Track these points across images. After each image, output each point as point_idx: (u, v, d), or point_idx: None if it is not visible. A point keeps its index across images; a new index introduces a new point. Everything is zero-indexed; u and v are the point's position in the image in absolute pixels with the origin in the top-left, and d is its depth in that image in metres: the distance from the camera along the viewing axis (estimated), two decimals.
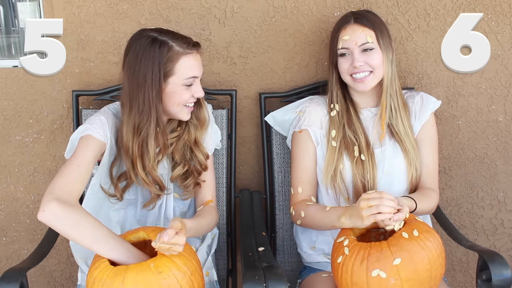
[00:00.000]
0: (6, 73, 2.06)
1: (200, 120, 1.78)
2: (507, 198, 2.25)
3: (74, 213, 1.46)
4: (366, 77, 1.75)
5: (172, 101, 1.65)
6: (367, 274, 1.46)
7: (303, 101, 1.89)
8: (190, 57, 1.64)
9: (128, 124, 1.64)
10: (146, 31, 1.66)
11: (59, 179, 1.51)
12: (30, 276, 2.16)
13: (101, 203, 1.71)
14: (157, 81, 1.60)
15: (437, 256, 1.49)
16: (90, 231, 1.47)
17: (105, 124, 1.64)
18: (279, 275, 1.48)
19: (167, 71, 1.61)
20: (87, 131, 1.61)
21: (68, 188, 1.50)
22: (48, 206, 1.44)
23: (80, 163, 1.55)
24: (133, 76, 1.61)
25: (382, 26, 1.77)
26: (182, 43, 1.63)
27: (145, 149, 1.65)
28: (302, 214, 1.75)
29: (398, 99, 1.80)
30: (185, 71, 1.63)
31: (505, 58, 2.11)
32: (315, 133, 1.81)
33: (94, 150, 1.60)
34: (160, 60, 1.60)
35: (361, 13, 1.79)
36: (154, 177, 1.69)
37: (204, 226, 1.72)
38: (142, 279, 1.40)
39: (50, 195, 1.46)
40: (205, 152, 1.79)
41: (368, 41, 1.73)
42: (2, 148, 2.12)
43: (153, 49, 1.60)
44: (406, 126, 1.80)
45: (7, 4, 2.06)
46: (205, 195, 1.82)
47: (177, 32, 1.68)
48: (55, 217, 1.44)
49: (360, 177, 1.75)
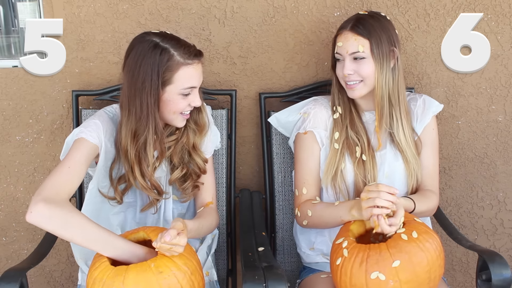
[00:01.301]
0: (6, 73, 2.06)
1: (199, 126, 1.77)
2: (507, 198, 2.25)
3: (62, 212, 1.45)
4: (356, 85, 1.74)
5: (167, 109, 1.64)
6: (366, 276, 1.46)
7: (307, 102, 1.89)
8: (190, 67, 1.62)
9: (126, 127, 1.63)
10: (149, 35, 1.64)
11: (48, 180, 1.51)
12: (30, 276, 2.16)
13: (100, 207, 1.71)
14: (155, 88, 1.59)
15: (436, 257, 1.49)
16: (80, 229, 1.47)
17: (99, 128, 1.64)
18: (279, 275, 1.48)
19: (165, 80, 1.60)
20: (81, 134, 1.62)
21: (57, 188, 1.50)
22: (35, 207, 1.44)
23: (71, 165, 1.55)
24: (132, 80, 1.61)
25: (382, 34, 1.71)
26: (183, 53, 1.61)
27: (143, 155, 1.65)
28: (309, 213, 1.75)
29: (401, 108, 1.77)
30: (184, 82, 1.62)
31: (505, 58, 2.11)
32: (320, 135, 1.81)
33: (86, 153, 1.60)
34: (159, 68, 1.58)
35: (362, 18, 1.74)
36: (152, 182, 1.69)
37: (205, 227, 1.72)
38: (142, 279, 1.40)
39: (38, 196, 1.46)
40: (204, 156, 1.79)
41: (359, 50, 1.70)
42: (2, 148, 2.12)
43: (154, 56, 1.58)
44: (407, 136, 1.78)
45: (7, 4, 2.06)
46: (205, 197, 1.82)
47: (181, 39, 1.66)
48: (43, 218, 1.44)
49: (361, 177, 1.75)
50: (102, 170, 1.68)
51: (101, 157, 1.65)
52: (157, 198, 1.72)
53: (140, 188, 1.68)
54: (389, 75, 1.73)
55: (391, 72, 1.74)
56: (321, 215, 1.73)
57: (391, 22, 1.78)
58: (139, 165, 1.65)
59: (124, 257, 1.48)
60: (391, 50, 1.73)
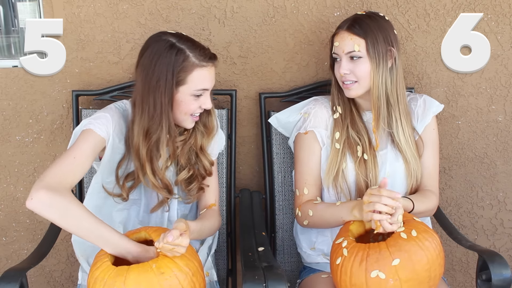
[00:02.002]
0: (6, 73, 2.06)
1: (207, 128, 1.77)
2: (507, 198, 2.25)
3: (62, 202, 1.45)
4: (351, 85, 1.74)
5: (179, 109, 1.64)
6: (366, 275, 1.46)
7: (307, 102, 1.89)
8: (204, 69, 1.63)
9: (139, 125, 1.63)
10: (166, 35, 1.64)
11: (53, 168, 1.50)
12: (30, 276, 2.16)
13: (102, 202, 1.71)
14: (169, 87, 1.59)
15: (436, 256, 1.49)
16: (78, 220, 1.46)
17: (109, 121, 1.64)
18: (279, 275, 1.48)
19: (179, 80, 1.60)
20: (90, 125, 1.61)
21: (60, 177, 1.49)
22: (36, 194, 1.43)
23: (77, 155, 1.54)
24: (147, 78, 1.61)
25: (378, 34, 1.71)
26: (199, 55, 1.62)
27: (155, 154, 1.65)
28: (310, 213, 1.75)
29: (400, 108, 1.76)
30: (197, 83, 1.62)
31: (505, 58, 2.11)
32: (321, 134, 1.81)
33: (93, 144, 1.59)
34: (174, 67, 1.58)
35: (359, 18, 1.74)
36: (164, 181, 1.69)
37: (207, 229, 1.72)
38: (144, 280, 1.40)
39: (40, 182, 1.45)
40: (210, 159, 1.79)
41: (355, 50, 1.70)
42: (2, 148, 2.12)
43: (170, 55, 1.59)
44: (407, 136, 1.78)
45: (7, 4, 2.06)
46: (208, 199, 1.82)
47: (196, 41, 1.66)
48: (43, 205, 1.43)
49: (363, 176, 1.75)
50: (107, 166, 1.68)
51: (107, 151, 1.65)
52: (167, 197, 1.72)
53: (151, 186, 1.68)
54: (386, 75, 1.73)
55: (388, 72, 1.73)
56: (322, 215, 1.73)
57: (389, 22, 1.78)
58: (151, 163, 1.65)
59: (117, 252, 1.48)
60: (388, 50, 1.73)
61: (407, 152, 1.78)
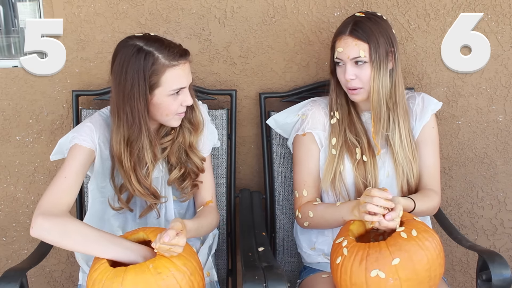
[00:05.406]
0: (6, 73, 2.06)
1: (193, 124, 1.75)
2: (507, 198, 2.25)
3: (60, 223, 1.47)
4: (357, 90, 1.73)
5: (160, 112, 1.62)
6: (366, 275, 1.46)
7: (305, 104, 1.88)
8: (176, 69, 1.59)
9: (117, 134, 1.62)
10: (132, 39, 1.61)
11: (47, 193, 1.54)
12: (30, 276, 2.16)
13: (104, 206, 1.72)
14: (143, 93, 1.57)
15: (436, 256, 1.49)
16: (80, 236, 1.48)
17: (92, 130, 1.64)
18: (279, 275, 1.48)
19: (153, 84, 1.58)
20: (74, 140, 1.62)
21: (54, 200, 1.52)
22: (35, 222, 1.47)
23: (67, 174, 1.56)
24: (119, 86, 1.59)
25: (380, 37, 1.70)
26: (168, 55, 1.58)
27: (138, 161, 1.64)
28: (311, 214, 1.75)
29: (400, 110, 1.75)
30: (171, 84, 1.59)
31: (505, 58, 2.11)
32: (319, 136, 1.81)
33: (83, 159, 1.60)
34: (145, 72, 1.56)
35: (360, 21, 1.72)
36: (149, 188, 1.68)
37: (205, 226, 1.71)
38: (141, 280, 1.40)
39: (37, 210, 1.49)
40: (201, 155, 1.78)
41: (361, 55, 1.69)
42: (2, 148, 2.12)
43: (138, 60, 1.56)
44: (403, 138, 1.76)
45: (7, 4, 2.06)
46: (204, 196, 1.82)
47: (165, 40, 1.62)
48: (42, 231, 1.47)
49: (362, 178, 1.75)
50: (100, 172, 1.69)
51: (97, 160, 1.66)
52: (154, 203, 1.72)
53: (138, 194, 1.68)
54: (386, 79, 1.71)
55: (388, 74, 1.72)
56: (322, 216, 1.73)
57: (387, 22, 1.77)
58: (134, 171, 1.64)
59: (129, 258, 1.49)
60: (390, 51, 1.72)
61: (399, 153, 1.76)
